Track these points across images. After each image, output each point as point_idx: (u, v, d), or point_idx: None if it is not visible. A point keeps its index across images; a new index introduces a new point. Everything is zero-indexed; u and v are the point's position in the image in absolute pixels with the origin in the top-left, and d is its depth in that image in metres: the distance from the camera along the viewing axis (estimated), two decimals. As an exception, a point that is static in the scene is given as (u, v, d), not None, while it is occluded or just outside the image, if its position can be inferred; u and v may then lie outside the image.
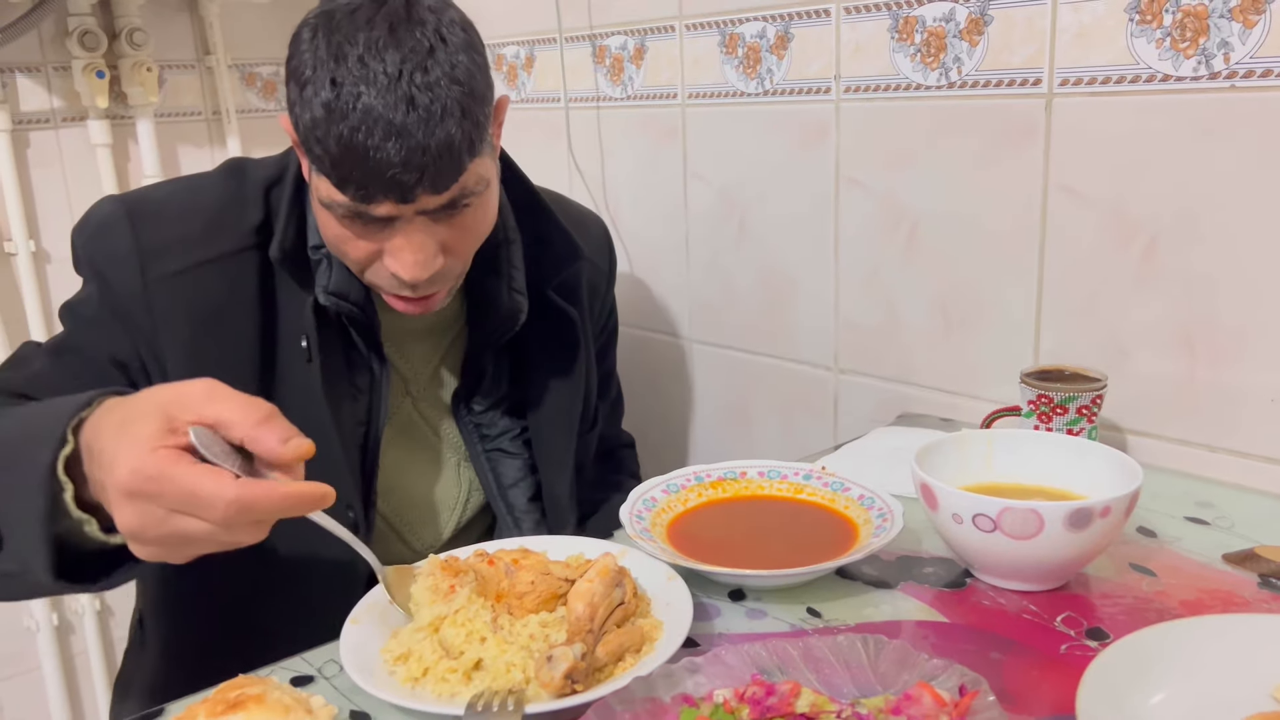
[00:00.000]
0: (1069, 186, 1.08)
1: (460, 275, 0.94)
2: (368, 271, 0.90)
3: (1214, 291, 1.00)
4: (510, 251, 1.02)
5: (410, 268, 0.86)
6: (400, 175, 0.80)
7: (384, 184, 0.80)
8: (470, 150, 0.83)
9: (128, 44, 1.66)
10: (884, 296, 1.27)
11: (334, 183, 0.82)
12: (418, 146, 0.79)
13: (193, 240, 0.93)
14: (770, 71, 1.33)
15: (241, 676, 0.66)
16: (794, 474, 0.97)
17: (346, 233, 0.87)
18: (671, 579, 0.79)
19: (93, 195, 1.68)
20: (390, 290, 0.91)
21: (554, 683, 0.65)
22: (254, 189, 0.97)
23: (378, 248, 0.87)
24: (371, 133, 0.78)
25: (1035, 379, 1.02)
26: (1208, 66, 0.96)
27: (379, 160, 0.79)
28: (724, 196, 1.44)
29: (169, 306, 0.91)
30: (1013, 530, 0.76)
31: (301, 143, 0.84)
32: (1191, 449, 1.04)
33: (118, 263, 0.92)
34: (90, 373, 0.90)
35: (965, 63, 1.13)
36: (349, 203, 0.83)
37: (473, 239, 0.91)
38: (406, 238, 0.85)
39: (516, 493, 1.08)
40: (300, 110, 0.81)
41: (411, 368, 1.04)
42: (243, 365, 0.93)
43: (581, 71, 1.61)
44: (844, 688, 0.65)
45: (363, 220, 0.85)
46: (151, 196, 0.98)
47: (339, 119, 0.79)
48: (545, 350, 1.07)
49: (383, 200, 0.82)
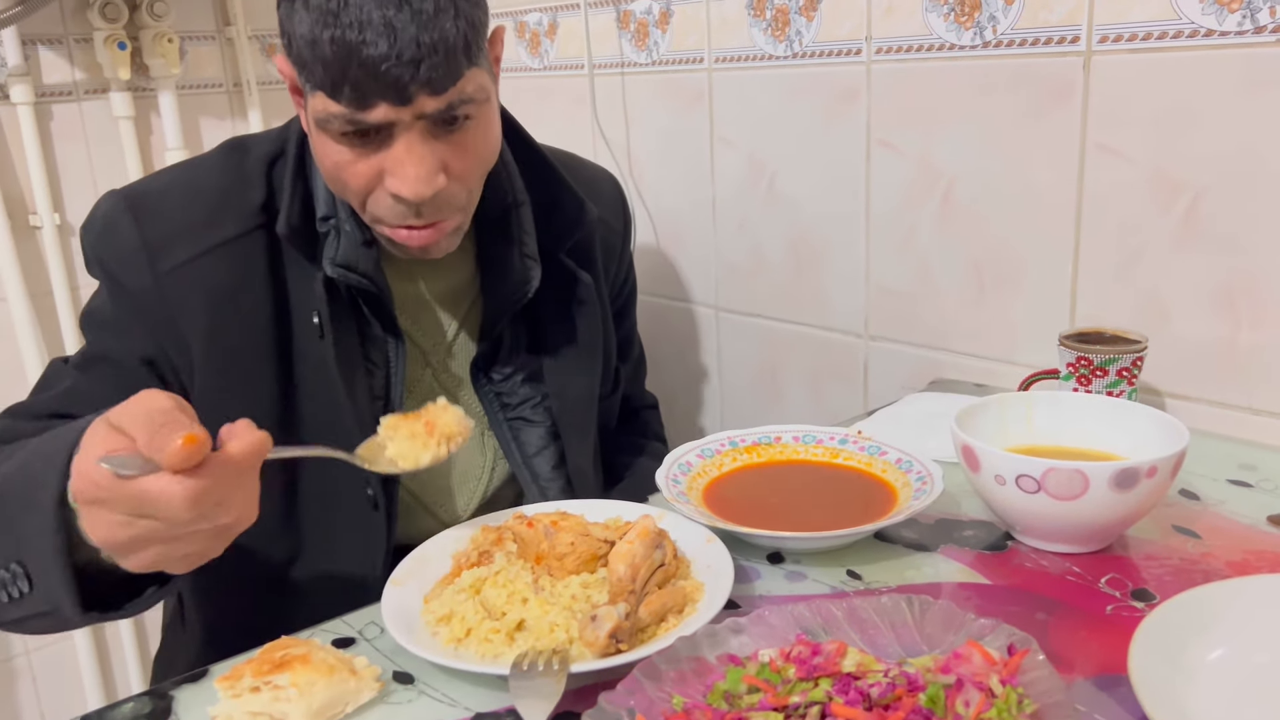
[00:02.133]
0: (1108, 146, 1.06)
1: (466, 209, 0.91)
2: (369, 202, 0.87)
3: (1257, 251, 0.98)
4: (520, 215, 1.00)
5: (412, 182, 0.83)
6: (394, 70, 0.77)
7: (379, 82, 0.78)
8: (468, 53, 0.81)
9: (149, 15, 1.65)
10: (916, 261, 1.26)
11: (328, 91, 0.79)
12: (412, 40, 0.77)
13: (197, 227, 0.92)
14: (799, 34, 1.31)
15: (285, 638, 0.66)
16: (829, 438, 0.96)
17: (345, 154, 0.84)
18: (710, 541, 0.78)
19: (116, 168, 1.69)
20: (394, 220, 0.87)
21: (599, 642, 0.64)
22: (255, 166, 0.95)
23: (377, 168, 0.84)
24: (364, 29, 0.76)
25: (1074, 341, 1.01)
26: (1253, 20, 0.94)
27: (373, 56, 0.77)
28: (752, 162, 1.42)
29: (183, 296, 0.90)
30: (1057, 491, 0.75)
31: (294, 62, 0.82)
32: (1234, 411, 1.02)
33: (125, 260, 0.91)
34: (123, 378, 0.90)
35: (1000, 21, 1.11)
36: (345, 112, 0.80)
37: (475, 161, 0.88)
38: (407, 149, 0.82)
39: (540, 461, 1.07)
40: (292, 24, 0.79)
41: (428, 338, 1.03)
42: (260, 345, 0.92)
43: (606, 37, 1.59)
44: (889, 648, 0.65)
45: (360, 135, 0.82)
46: (152, 187, 0.96)
47: (331, 19, 0.77)
48: (561, 316, 1.06)
49: (378, 102, 0.79)
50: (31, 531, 0.68)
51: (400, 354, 0.97)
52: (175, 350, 0.92)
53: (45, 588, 0.69)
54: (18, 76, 1.57)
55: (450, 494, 1.06)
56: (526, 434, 1.07)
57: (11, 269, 1.60)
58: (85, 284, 1.68)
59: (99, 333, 0.94)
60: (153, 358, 0.92)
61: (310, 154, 0.94)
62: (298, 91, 0.87)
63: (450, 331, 1.04)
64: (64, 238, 1.66)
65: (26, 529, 0.69)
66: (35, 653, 1.75)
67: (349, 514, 0.95)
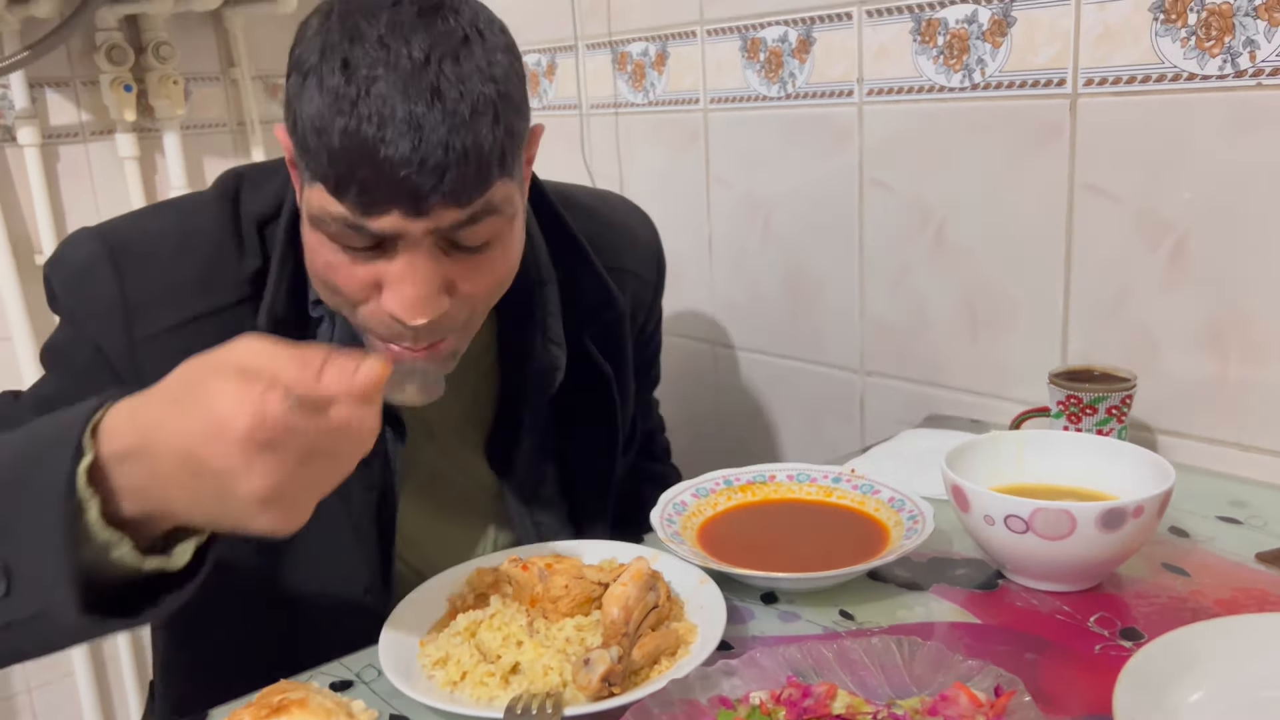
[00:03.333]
0: (1095, 186, 1.08)
1: (469, 329, 0.80)
2: (361, 312, 0.76)
3: (1244, 289, 1.00)
4: (545, 294, 0.92)
5: (410, 305, 0.71)
6: (414, 177, 0.66)
7: (393, 187, 0.67)
8: (501, 164, 0.70)
9: (154, 57, 1.68)
10: (910, 298, 1.28)
11: (331, 188, 0.69)
12: (440, 144, 0.66)
13: (185, 290, 0.82)
14: (792, 75, 1.33)
15: (283, 681, 0.67)
16: (823, 477, 0.97)
17: (338, 258, 0.73)
18: (704, 582, 0.79)
19: (121, 207, 1.71)
20: (385, 335, 0.76)
21: (591, 685, 0.65)
22: (249, 227, 0.85)
23: (374, 279, 0.73)
24: (385, 124, 0.66)
25: (1064, 379, 1.02)
26: (1233, 65, 0.96)
27: (390, 158, 0.66)
28: (747, 200, 1.44)
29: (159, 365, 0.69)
30: (1045, 531, 0.76)
31: (297, 144, 0.71)
32: (1223, 448, 1.04)
33: (100, 316, 0.81)
34: None
35: (989, 64, 1.13)
36: (346, 214, 0.69)
37: (488, 284, 0.77)
38: (409, 265, 0.71)
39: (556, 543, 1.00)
40: (300, 103, 0.69)
41: (435, 411, 0.89)
42: None
43: (603, 78, 1.61)
44: (879, 689, 0.65)
45: (360, 240, 0.71)
46: (138, 235, 0.85)
47: (347, 106, 0.66)
48: (581, 399, 0.98)
49: (388, 209, 0.68)
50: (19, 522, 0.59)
51: (398, 445, 0.89)
52: None
53: (32, 587, 0.59)
54: (25, 119, 1.60)
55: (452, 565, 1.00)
56: (543, 516, 1.01)
57: (17, 307, 1.62)
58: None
59: (59, 374, 0.85)
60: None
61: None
62: (295, 165, 0.76)
63: (459, 406, 0.95)
64: (69, 277, 1.68)
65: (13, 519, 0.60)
66: (37, 690, 1.76)
67: (340, 600, 0.88)
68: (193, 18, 1.77)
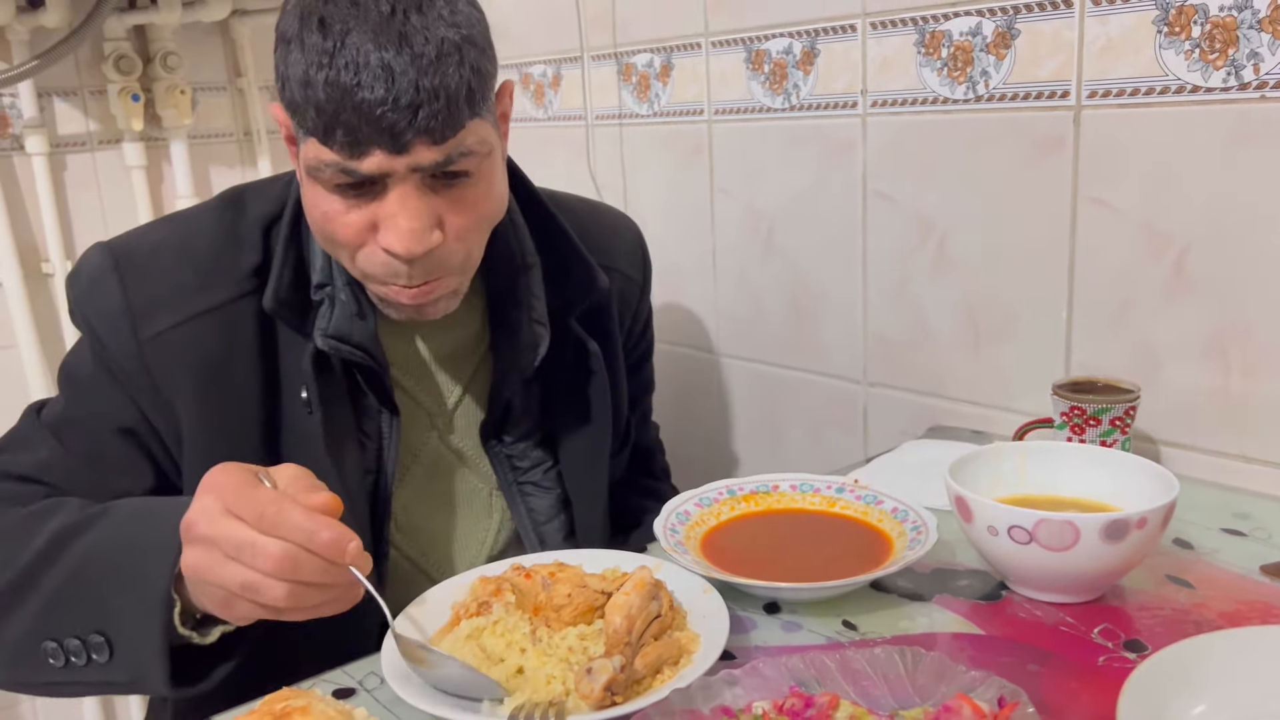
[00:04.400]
0: (1098, 198, 1.08)
1: (464, 270, 0.87)
2: (360, 257, 0.83)
3: (1248, 302, 1.00)
4: (530, 278, 0.97)
5: (404, 237, 0.78)
6: (389, 115, 0.74)
7: (373, 128, 0.74)
8: (470, 103, 0.77)
9: (162, 67, 1.69)
10: (913, 309, 1.28)
11: (320, 137, 0.76)
12: (411, 84, 0.74)
13: (186, 291, 0.88)
14: (796, 87, 1.34)
15: (286, 689, 0.67)
16: (826, 487, 0.97)
17: (335, 205, 0.80)
18: (707, 592, 0.79)
19: (127, 216, 1.72)
20: (385, 278, 0.83)
21: (594, 695, 0.65)
22: (251, 227, 0.91)
23: (369, 220, 0.80)
24: (360, 71, 0.73)
25: (1068, 391, 1.02)
26: (1237, 77, 0.96)
27: (367, 99, 0.73)
28: (751, 211, 1.44)
29: (166, 363, 0.87)
30: (1048, 542, 0.76)
31: (287, 106, 0.78)
32: (1227, 460, 1.03)
33: (109, 322, 0.88)
34: (96, 446, 0.89)
35: (992, 76, 1.14)
36: (337, 160, 0.76)
37: (475, 218, 0.84)
38: (400, 201, 0.78)
39: (550, 529, 1.04)
40: (286, 66, 0.76)
41: (434, 399, 0.99)
42: (247, 416, 0.89)
43: (608, 90, 1.62)
44: (882, 700, 0.65)
45: (352, 185, 0.78)
46: (141, 245, 0.92)
47: (326, 59, 0.74)
48: (570, 382, 1.02)
49: (371, 150, 0.75)
50: (130, 605, 0.73)
51: (394, 427, 0.94)
52: (160, 416, 0.89)
53: (132, 659, 0.74)
54: (33, 128, 1.61)
55: (451, 559, 1.04)
56: (537, 501, 1.04)
57: (24, 315, 1.63)
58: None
59: (77, 392, 0.91)
60: (131, 427, 0.89)
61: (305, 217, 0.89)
62: (292, 140, 0.83)
63: (456, 393, 1.00)
64: (75, 285, 1.69)
65: (121, 602, 0.74)
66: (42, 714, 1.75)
67: None
68: (200, 28, 1.78)
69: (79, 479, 0.89)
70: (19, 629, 0.80)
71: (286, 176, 0.96)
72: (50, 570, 0.79)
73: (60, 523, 0.80)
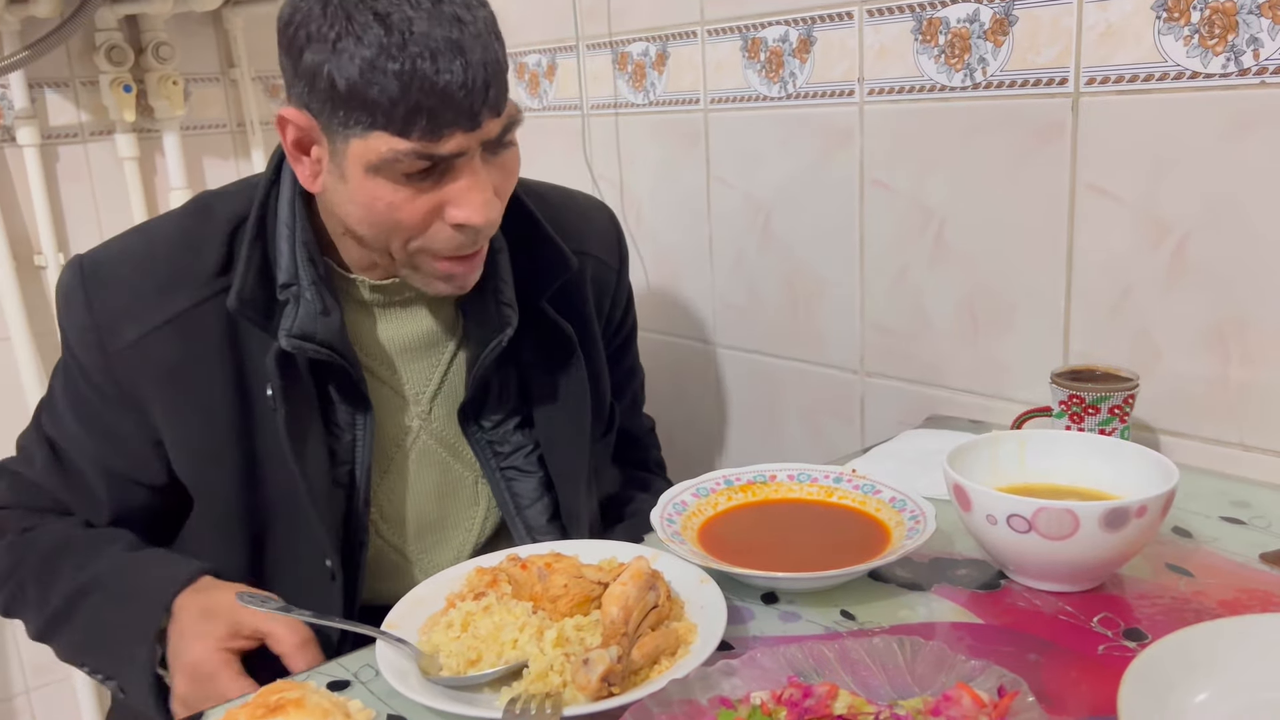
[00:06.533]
0: (1097, 186, 1.07)
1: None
2: (419, 239, 0.85)
3: (1247, 289, 0.99)
4: (497, 261, 0.98)
5: (481, 209, 0.82)
6: (467, 95, 0.77)
7: (454, 110, 0.77)
8: (508, 69, 0.82)
9: (154, 58, 1.68)
10: (911, 298, 1.27)
11: (398, 127, 0.77)
12: (480, 62, 0.77)
13: (148, 300, 0.90)
14: (793, 75, 1.33)
15: (280, 681, 0.66)
16: (824, 477, 0.97)
17: (401, 194, 0.81)
18: (704, 582, 0.79)
19: (120, 208, 1.71)
20: (448, 252, 0.86)
21: (590, 685, 0.65)
22: (216, 229, 0.92)
23: (437, 202, 0.83)
24: (435, 57, 0.75)
25: (1066, 379, 1.02)
26: (1237, 63, 0.95)
27: (448, 84, 0.76)
28: (748, 200, 1.44)
29: (134, 374, 0.90)
30: (1048, 531, 0.75)
31: (336, 107, 0.78)
32: (1226, 448, 1.03)
33: (79, 336, 0.92)
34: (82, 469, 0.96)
35: (990, 63, 1.13)
36: (416, 147, 0.78)
37: (512, 183, 0.89)
38: (472, 176, 0.82)
39: (534, 513, 1.05)
40: (336, 67, 0.77)
41: (412, 386, 1.00)
42: (218, 417, 0.91)
43: (604, 79, 1.61)
44: (881, 690, 0.65)
45: (424, 169, 0.80)
46: (108, 256, 0.94)
47: (396, 50, 0.75)
48: (545, 364, 1.03)
49: (452, 131, 0.78)
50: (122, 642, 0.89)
51: (367, 420, 0.95)
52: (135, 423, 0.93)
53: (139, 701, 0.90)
54: (24, 119, 1.59)
55: (438, 547, 1.04)
56: (520, 485, 1.05)
57: (16, 308, 1.61)
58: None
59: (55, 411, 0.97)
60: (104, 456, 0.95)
61: (272, 217, 0.91)
62: (303, 148, 0.84)
63: (435, 379, 1.02)
64: (68, 277, 1.68)
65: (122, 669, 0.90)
66: (35, 692, 1.75)
67: (309, 581, 0.95)
68: (192, 18, 1.76)
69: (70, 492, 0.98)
70: (64, 651, 0.98)
71: (254, 179, 0.96)
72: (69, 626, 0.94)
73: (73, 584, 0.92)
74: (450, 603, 0.78)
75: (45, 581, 0.93)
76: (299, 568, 0.94)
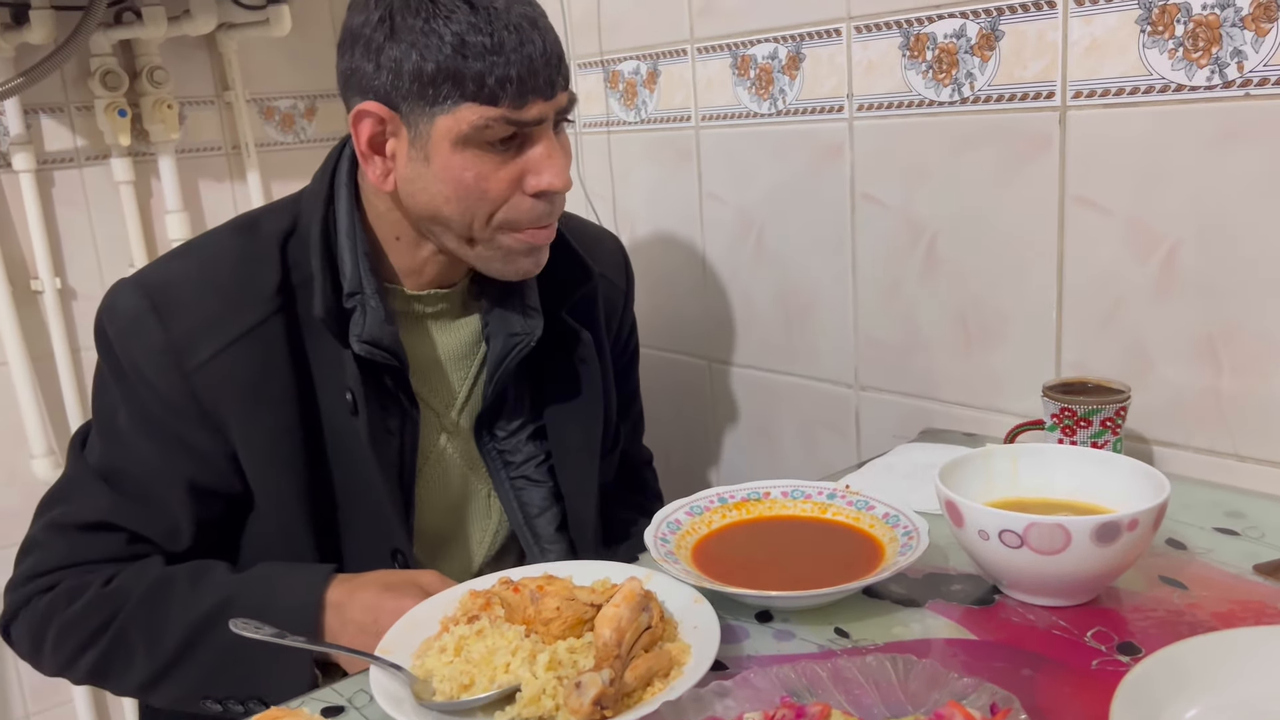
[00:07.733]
0: (1086, 198, 1.08)
1: None
2: (504, 210, 0.91)
3: (1236, 299, 0.99)
4: None
5: (560, 172, 0.90)
6: (546, 67, 0.86)
7: (535, 79, 0.85)
8: None
9: (149, 82, 1.69)
10: (903, 312, 1.27)
11: (487, 96, 0.85)
12: (553, 39, 0.87)
13: (217, 320, 0.93)
14: (783, 92, 1.34)
15: (275, 709, 0.66)
16: (818, 493, 0.97)
17: (488, 164, 0.88)
18: (698, 601, 0.79)
19: (116, 232, 1.72)
20: (530, 222, 0.92)
21: (583, 709, 0.65)
22: (267, 245, 0.95)
23: (517, 172, 0.90)
24: (519, 30, 0.84)
25: (1058, 392, 1.02)
26: (1221, 76, 0.96)
27: (531, 55, 0.85)
28: (740, 216, 1.44)
29: (214, 390, 0.92)
30: (1040, 545, 0.75)
31: (424, 85, 0.85)
32: (1219, 459, 1.03)
33: (154, 360, 0.91)
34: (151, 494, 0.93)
35: (978, 78, 1.13)
36: (504, 113, 0.86)
37: (569, 163, 0.95)
38: (549, 143, 0.90)
39: (543, 522, 1.07)
40: (423, 50, 0.84)
41: (440, 400, 1.04)
42: (291, 427, 0.94)
43: (595, 98, 1.62)
44: (874, 708, 0.65)
45: (507, 136, 0.88)
46: (169, 280, 0.95)
47: (485, 26, 0.83)
48: (562, 372, 1.06)
49: (534, 99, 0.86)
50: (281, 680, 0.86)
51: (413, 422, 0.99)
52: (212, 440, 0.93)
53: (289, 692, 0.82)
54: (20, 145, 1.60)
55: (454, 555, 1.06)
56: (529, 494, 1.07)
57: (12, 333, 1.62)
58: (85, 347, 1.70)
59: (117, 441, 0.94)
60: (181, 474, 0.93)
61: (336, 228, 0.95)
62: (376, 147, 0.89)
63: (462, 392, 1.05)
64: (65, 301, 1.68)
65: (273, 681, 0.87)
66: (35, 717, 1.75)
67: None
68: (187, 42, 1.77)
69: (147, 519, 0.94)
70: (181, 689, 0.92)
71: (294, 195, 1.00)
72: (192, 660, 0.90)
73: (195, 614, 0.89)
74: (444, 626, 0.78)
75: (154, 624, 0.91)
76: (362, 566, 0.95)
